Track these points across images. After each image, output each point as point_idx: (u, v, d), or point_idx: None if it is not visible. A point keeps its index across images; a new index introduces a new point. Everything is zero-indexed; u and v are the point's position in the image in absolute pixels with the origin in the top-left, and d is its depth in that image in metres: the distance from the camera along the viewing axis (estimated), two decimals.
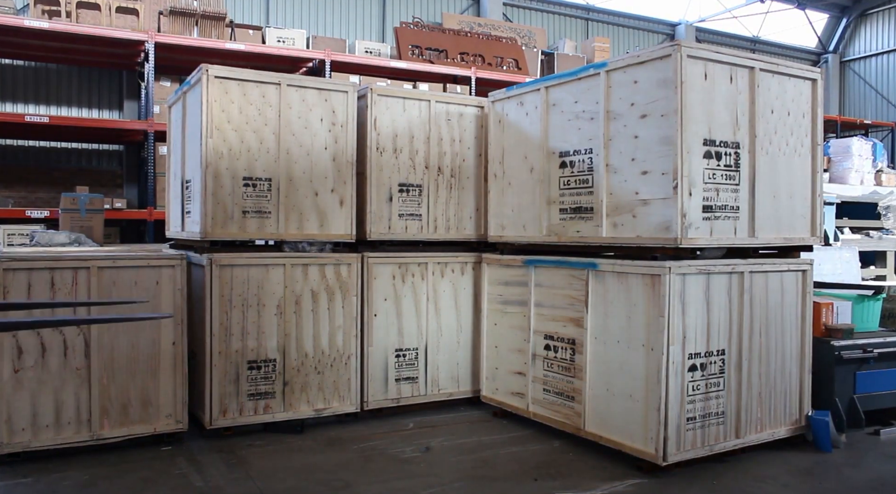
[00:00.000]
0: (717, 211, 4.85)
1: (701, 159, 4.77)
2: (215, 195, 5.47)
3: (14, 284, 4.83)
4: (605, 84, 5.15)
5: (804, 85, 5.37)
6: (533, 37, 13.71)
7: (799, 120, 5.34)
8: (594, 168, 5.27)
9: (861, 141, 12.90)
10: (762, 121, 5.09)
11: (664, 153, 4.73)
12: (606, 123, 5.15)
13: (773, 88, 5.18)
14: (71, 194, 7.72)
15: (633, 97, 4.96)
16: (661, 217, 4.75)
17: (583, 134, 5.37)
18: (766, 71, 5.12)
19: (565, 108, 5.55)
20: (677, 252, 4.76)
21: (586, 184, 5.35)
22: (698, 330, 4.78)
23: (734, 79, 4.95)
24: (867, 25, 20.10)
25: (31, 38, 9.61)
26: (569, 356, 5.32)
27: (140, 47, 9.81)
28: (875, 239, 10.11)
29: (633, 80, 4.96)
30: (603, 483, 4.56)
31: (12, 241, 8.41)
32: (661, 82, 4.76)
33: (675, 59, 4.65)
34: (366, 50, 11.68)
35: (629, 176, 4.99)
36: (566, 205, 5.53)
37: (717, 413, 4.89)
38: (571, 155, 5.48)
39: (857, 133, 17.08)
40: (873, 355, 5.59)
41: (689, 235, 4.69)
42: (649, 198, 4.85)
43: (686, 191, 4.68)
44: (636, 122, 4.94)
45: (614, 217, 5.12)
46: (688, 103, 4.68)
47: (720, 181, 4.87)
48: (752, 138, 5.02)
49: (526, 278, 5.73)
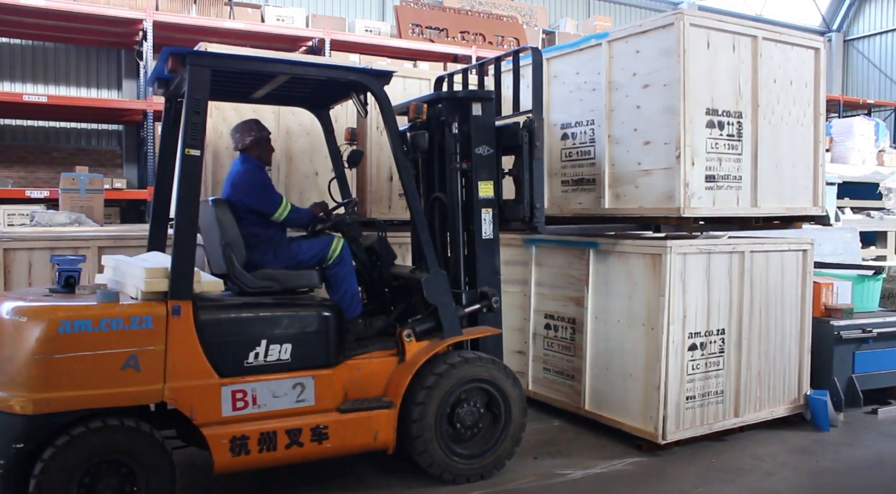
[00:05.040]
0: (719, 180, 4.83)
1: (703, 129, 4.75)
2: (215, 174, 5.46)
3: (15, 264, 4.84)
4: (608, 54, 5.10)
5: (807, 54, 5.31)
6: (534, 15, 13.59)
7: (801, 89, 5.29)
8: (596, 139, 5.23)
9: (863, 120, 12.82)
10: (765, 90, 5.04)
11: (666, 123, 4.70)
12: (608, 94, 5.10)
13: (776, 57, 5.13)
14: (70, 174, 7.70)
15: (636, 67, 4.92)
16: (664, 187, 4.74)
17: (584, 105, 5.32)
18: (769, 40, 5.06)
19: (567, 80, 5.49)
20: (680, 221, 4.75)
21: (588, 156, 5.31)
22: (698, 309, 4.79)
23: (737, 48, 4.90)
24: (871, 4, 19.92)
25: (28, 17, 9.52)
26: (569, 335, 5.34)
27: (138, 25, 9.74)
28: (876, 219, 10.10)
29: (636, 49, 4.92)
30: (602, 462, 4.60)
31: (12, 222, 8.40)
32: (663, 51, 4.72)
33: (678, 27, 4.60)
34: (366, 28, 11.58)
35: (631, 146, 4.96)
36: (568, 176, 5.51)
37: (717, 392, 4.91)
38: (573, 126, 5.44)
39: (859, 112, 16.97)
40: (872, 335, 5.60)
41: (691, 205, 4.68)
42: (651, 169, 4.82)
43: (689, 160, 4.66)
44: (638, 92, 4.90)
45: (616, 188, 5.09)
46: (690, 72, 4.64)
47: (722, 151, 4.85)
48: (754, 108, 4.98)
49: (526, 257, 5.72)
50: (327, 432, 3.87)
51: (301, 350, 3.87)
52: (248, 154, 4.41)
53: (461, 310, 4.40)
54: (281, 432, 3.76)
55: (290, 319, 3.87)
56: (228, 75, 4.07)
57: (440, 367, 4.11)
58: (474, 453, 4.23)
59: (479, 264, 4.54)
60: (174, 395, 3.53)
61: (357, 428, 3.94)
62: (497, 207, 4.62)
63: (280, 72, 4.07)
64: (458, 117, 4.52)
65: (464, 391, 4.20)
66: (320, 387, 3.89)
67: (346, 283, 4.39)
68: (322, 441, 3.86)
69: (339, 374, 3.99)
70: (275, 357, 3.81)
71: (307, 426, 3.83)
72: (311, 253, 4.33)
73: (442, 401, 4.09)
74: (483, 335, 4.50)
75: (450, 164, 4.54)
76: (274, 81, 4.27)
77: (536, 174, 4.57)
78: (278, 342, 3.81)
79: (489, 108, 4.61)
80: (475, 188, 4.52)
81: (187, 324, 3.58)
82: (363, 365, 4.10)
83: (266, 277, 4.11)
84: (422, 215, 4.30)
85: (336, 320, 4.01)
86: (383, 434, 4.00)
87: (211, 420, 3.62)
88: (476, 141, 4.52)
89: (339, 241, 4.39)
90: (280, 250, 4.29)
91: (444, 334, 4.24)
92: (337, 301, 4.31)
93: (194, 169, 3.65)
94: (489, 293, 4.52)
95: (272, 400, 3.78)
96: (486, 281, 4.55)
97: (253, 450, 3.68)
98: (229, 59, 3.97)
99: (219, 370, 3.66)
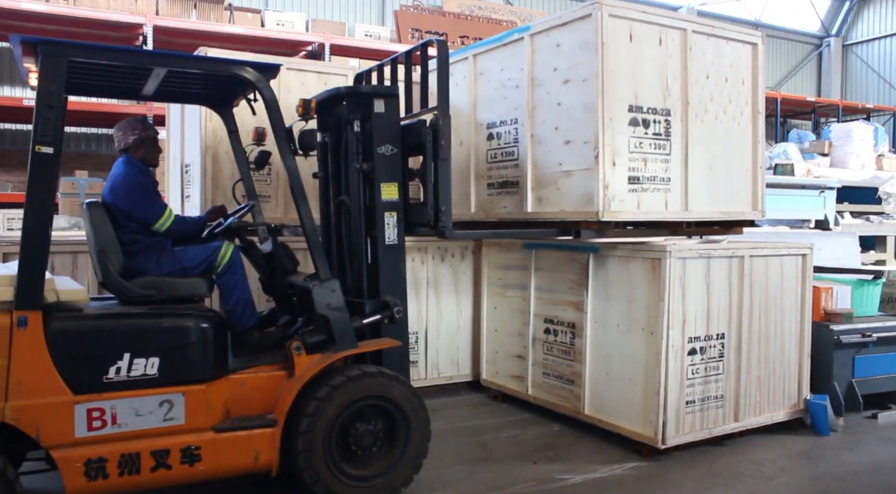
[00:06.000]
0: (644, 182, 4.63)
1: (626, 127, 4.51)
2: (215, 179, 5.46)
3: None
4: (530, 49, 4.87)
5: (744, 49, 5.10)
6: (533, 19, 13.62)
7: (738, 87, 5.08)
8: (519, 139, 4.99)
9: (862, 125, 12.86)
10: (696, 87, 4.84)
11: (586, 120, 4.47)
12: (531, 91, 4.87)
13: (709, 52, 4.92)
14: (70, 178, 7.72)
15: (556, 62, 4.70)
16: (583, 189, 4.52)
17: (508, 103, 5.08)
18: (700, 33, 4.86)
19: (492, 77, 5.24)
20: (600, 226, 4.53)
21: (512, 157, 5.07)
22: (698, 314, 4.79)
23: (664, 41, 4.69)
24: (870, 8, 19.96)
25: (28, 21, 9.53)
26: (569, 339, 5.33)
27: (138, 30, 9.75)
28: (875, 223, 10.09)
29: (556, 43, 4.70)
30: (602, 466, 4.59)
31: (12, 226, 8.39)
32: (582, 45, 4.50)
33: (596, 18, 4.37)
34: (366, 33, 11.60)
35: (553, 146, 4.74)
36: (493, 179, 5.26)
37: (717, 397, 4.91)
38: (498, 126, 5.20)
39: (858, 117, 17.00)
40: (872, 339, 5.60)
41: (611, 208, 4.48)
42: (572, 170, 4.61)
43: (609, 160, 4.43)
44: (559, 89, 4.67)
45: (539, 190, 4.89)
46: (610, 66, 4.42)
47: (648, 150, 4.64)
48: (684, 105, 4.79)
49: (526, 262, 5.72)
50: (200, 453, 3.55)
51: (171, 364, 3.55)
52: (132, 155, 4.10)
53: (358, 321, 4.07)
54: (145, 453, 3.44)
55: (159, 331, 3.57)
56: (109, 70, 3.80)
57: (336, 380, 3.79)
58: (367, 475, 3.88)
59: (382, 272, 4.24)
60: (17, 415, 3.21)
61: (235, 449, 3.63)
62: (402, 211, 4.32)
63: (142, 64, 3.72)
64: (360, 115, 4.24)
65: (361, 408, 3.86)
66: (192, 404, 3.58)
67: (237, 292, 4.13)
68: (194, 462, 3.54)
69: (218, 390, 3.67)
70: (140, 372, 3.49)
71: (176, 446, 3.51)
72: (198, 260, 4.06)
73: (335, 416, 3.76)
74: (380, 347, 4.13)
75: (351, 165, 4.29)
76: (154, 76, 3.89)
77: (442, 175, 4.27)
78: (144, 355, 3.49)
79: (393, 105, 4.29)
80: (377, 190, 4.22)
81: (35, 337, 3.28)
82: (249, 380, 3.79)
83: (147, 285, 3.84)
84: (310, 218, 3.97)
85: (215, 332, 3.69)
86: (265, 454, 3.67)
87: (62, 442, 3.30)
88: (378, 140, 4.21)
89: (229, 248, 4.14)
90: (164, 257, 4.02)
91: (337, 347, 3.90)
92: (228, 311, 4.10)
93: (46, 168, 3.34)
94: (391, 302, 4.17)
95: (135, 419, 3.45)
96: (389, 290, 4.23)
97: (112, 474, 3.37)
98: (86, 49, 3.53)
99: (73, 386, 3.35)
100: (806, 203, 8.44)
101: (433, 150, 4.28)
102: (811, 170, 10.16)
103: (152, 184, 4.13)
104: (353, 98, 4.31)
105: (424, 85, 4.60)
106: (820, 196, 8.54)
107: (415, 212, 4.45)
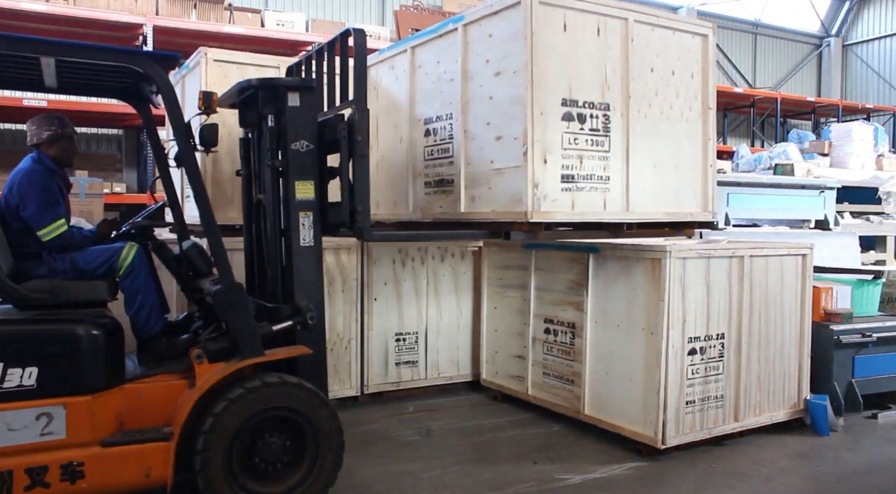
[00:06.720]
0: (580, 181, 4.36)
1: (559, 122, 4.25)
2: (215, 179, 5.46)
3: None
4: (463, 40, 4.62)
5: (693, 41, 4.80)
6: None
7: (686, 81, 4.79)
8: (454, 135, 4.73)
9: (862, 125, 12.84)
10: (639, 80, 4.55)
11: (516, 115, 4.23)
12: (464, 84, 4.62)
13: (654, 44, 4.63)
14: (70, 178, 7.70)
15: (488, 53, 4.45)
16: (513, 188, 4.29)
17: (444, 98, 4.82)
18: (644, 23, 4.57)
19: (429, 70, 4.98)
20: (531, 227, 4.28)
21: (447, 154, 4.81)
22: (698, 314, 4.78)
23: (603, 31, 4.41)
24: (870, 8, 19.96)
25: (28, 22, 9.53)
26: (569, 339, 5.33)
27: (138, 30, 9.75)
28: (875, 223, 10.08)
29: (489, 33, 4.45)
30: (602, 466, 4.59)
31: None
32: (513, 35, 4.25)
33: (525, 6, 4.12)
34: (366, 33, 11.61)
35: (485, 143, 4.49)
36: (430, 177, 5.01)
37: (716, 397, 4.91)
38: (434, 121, 4.94)
39: (858, 117, 17.00)
40: (872, 339, 5.60)
41: (542, 208, 4.23)
42: (503, 167, 4.36)
43: (539, 157, 4.17)
44: (491, 82, 4.42)
45: (472, 189, 4.64)
46: (541, 57, 4.16)
47: (584, 147, 4.36)
48: (625, 99, 4.50)
49: (526, 262, 5.72)
50: (83, 469, 3.34)
51: (51, 374, 3.32)
52: (43, 151, 3.93)
53: (267, 328, 3.83)
54: (19, 471, 3.22)
55: (37, 338, 3.34)
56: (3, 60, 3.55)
57: (234, 392, 3.53)
58: (276, 492, 3.66)
59: (297, 274, 4.02)
60: None
61: (123, 464, 3.41)
62: (319, 211, 4.10)
63: (21, 52, 3.41)
64: (274, 109, 4.02)
65: (262, 421, 3.62)
66: (75, 418, 3.34)
67: (140, 296, 3.91)
68: (76, 479, 3.33)
69: (109, 401, 3.45)
70: (14, 383, 3.26)
71: (56, 463, 3.29)
72: (97, 263, 3.85)
73: (233, 431, 3.53)
74: (290, 355, 3.86)
75: (264, 162, 4.10)
76: (45, 66, 3.62)
77: (359, 172, 4.02)
78: (20, 365, 3.26)
79: (309, 99, 4.06)
80: (292, 189, 4.01)
81: None
82: (146, 390, 3.57)
83: (39, 289, 3.62)
84: (211, 218, 3.72)
85: (106, 339, 3.47)
86: (158, 470, 3.45)
87: None
88: (293, 135, 3.99)
89: (132, 249, 3.93)
90: (56, 259, 3.81)
91: (241, 355, 3.66)
92: (131, 317, 3.92)
93: None
94: (305, 307, 3.91)
95: (7, 435, 3.23)
96: (304, 294, 4.00)
97: None
98: None
99: None
100: (806, 203, 8.43)
101: (349, 147, 4.03)
102: (811, 170, 10.15)
103: (56, 186, 3.91)
104: (266, 91, 4.07)
105: (345, 78, 4.28)
106: (820, 196, 8.52)
107: (333, 212, 4.23)
